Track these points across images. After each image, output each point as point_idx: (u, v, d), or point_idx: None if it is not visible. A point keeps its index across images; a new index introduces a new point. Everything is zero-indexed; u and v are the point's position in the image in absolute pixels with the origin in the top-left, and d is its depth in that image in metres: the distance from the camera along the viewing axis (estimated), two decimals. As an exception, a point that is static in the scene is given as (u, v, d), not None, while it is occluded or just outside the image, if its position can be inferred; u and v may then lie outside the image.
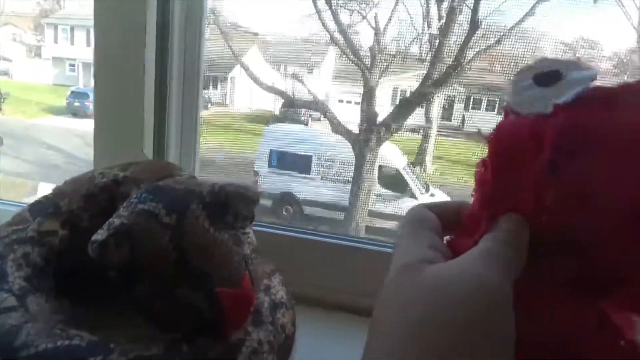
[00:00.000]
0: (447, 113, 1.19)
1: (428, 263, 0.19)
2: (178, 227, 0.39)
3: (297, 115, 1.64)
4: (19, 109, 1.92)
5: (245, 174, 2.08)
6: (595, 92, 0.19)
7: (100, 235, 0.38)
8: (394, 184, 1.25)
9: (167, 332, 0.39)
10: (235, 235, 0.42)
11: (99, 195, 0.49)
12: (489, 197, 0.20)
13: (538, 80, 0.20)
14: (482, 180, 0.21)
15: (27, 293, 0.41)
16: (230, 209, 0.42)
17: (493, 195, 0.20)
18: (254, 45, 1.78)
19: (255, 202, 0.44)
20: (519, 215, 0.19)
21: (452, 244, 0.22)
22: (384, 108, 1.27)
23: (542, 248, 0.19)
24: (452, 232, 0.22)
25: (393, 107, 1.29)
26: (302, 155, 1.53)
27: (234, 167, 2.18)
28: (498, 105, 1.13)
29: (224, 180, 0.43)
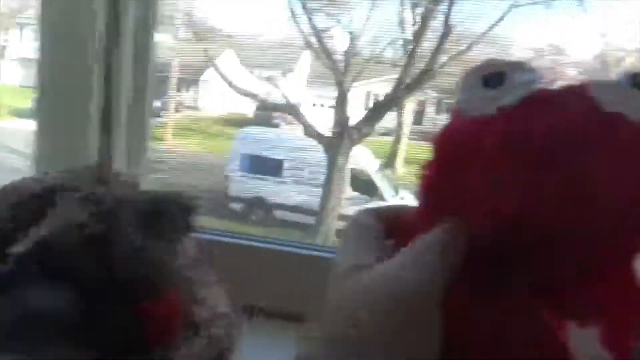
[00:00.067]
0: (418, 117, 1.20)
1: (358, 269, 0.19)
2: (105, 237, 0.37)
3: (270, 119, 1.63)
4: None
5: (216, 178, 2.05)
6: (539, 94, 0.19)
7: (21, 247, 0.36)
8: (365, 187, 1.25)
9: (88, 350, 0.37)
10: (169, 246, 0.41)
11: (29, 203, 0.46)
12: (432, 199, 0.20)
13: (485, 82, 0.20)
14: (426, 182, 0.20)
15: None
16: (165, 218, 0.41)
17: (436, 198, 0.20)
18: (228, 48, 1.76)
19: (192, 210, 0.43)
20: (458, 218, 0.19)
21: (395, 248, 0.22)
22: (357, 112, 1.27)
23: (483, 252, 0.18)
24: (398, 235, 0.22)
25: (366, 111, 1.29)
26: (274, 159, 1.51)
27: (205, 171, 2.15)
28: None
29: (163, 189, 0.42)
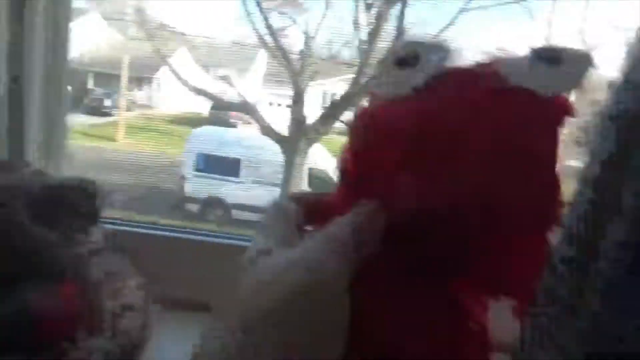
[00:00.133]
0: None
1: (266, 254, 0.18)
2: None
3: (226, 118, 1.61)
4: None
5: (171, 178, 2.00)
6: (450, 73, 0.19)
7: None
8: (322, 186, 1.25)
9: None
10: (68, 235, 0.38)
11: None
12: (349, 182, 0.20)
13: (399, 63, 0.20)
14: (343, 165, 0.20)
15: None
16: (65, 206, 0.38)
17: (352, 181, 0.20)
18: (182, 47, 1.72)
19: (95, 197, 0.41)
20: (374, 201, 0.18)
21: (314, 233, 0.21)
22: (314, 111, 1.28)
23: (398, 235, 0.18)
24: (319, 220, 0.21)
25: (322, 110, 1.29)
26: (230, 159, 1.49)
27: (158, 171, 2.09)
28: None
29: (66, 176, 0.39)
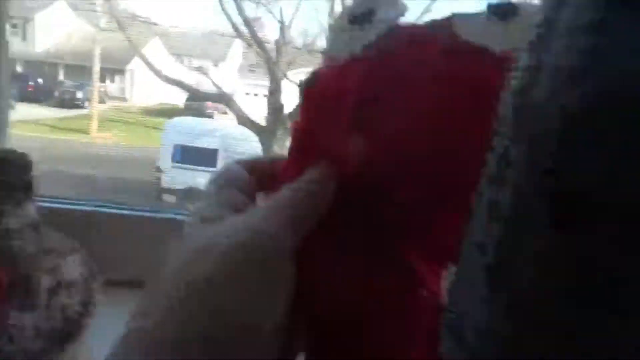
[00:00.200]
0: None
1: (207, 222, 0.17)
2: None
3: (202, 109, 1.59)
4: None
5: (147, 170, 1.96)
6: (402, 30, 0.18)
7: None
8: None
9: None
10: None
11: None
12: (299, 146, 0.19)
13: (352, 21, 0.19)
14: (295, 131, 0.19)
15: None
16: None
17: (303, 145, 0.19)
18: (155, 37, 1.69)
19: (28, 169, 0.40)
20: (326, 165, 0.18)
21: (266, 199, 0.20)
22: (291, 100, 1.28)
23: (351, 197, 0.18)
24: (271, 186, 0.20)
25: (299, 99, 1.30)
26: (208, 149, 1.48)
27: (134, 163, 2.05)
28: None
29: None
